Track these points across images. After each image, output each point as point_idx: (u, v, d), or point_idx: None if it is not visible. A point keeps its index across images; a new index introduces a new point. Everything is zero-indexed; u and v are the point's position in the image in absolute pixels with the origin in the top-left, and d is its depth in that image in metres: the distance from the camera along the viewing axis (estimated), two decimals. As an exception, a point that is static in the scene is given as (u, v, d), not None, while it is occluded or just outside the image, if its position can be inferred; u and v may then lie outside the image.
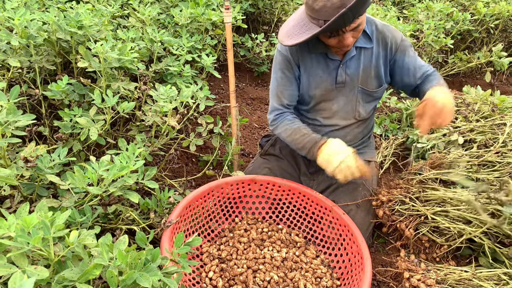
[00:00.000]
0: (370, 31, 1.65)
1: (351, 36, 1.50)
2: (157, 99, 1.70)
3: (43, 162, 1.40)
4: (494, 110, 2.43)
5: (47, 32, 1.86)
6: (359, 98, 1.73)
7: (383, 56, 1.69)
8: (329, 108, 1.76)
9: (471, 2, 4.07)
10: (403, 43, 1.70)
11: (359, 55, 1.66)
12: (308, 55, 1.68)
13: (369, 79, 1.70)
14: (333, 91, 1.71)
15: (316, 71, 1.69)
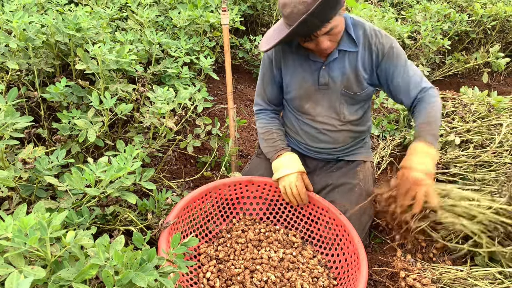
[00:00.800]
0: (357, 35, 1.64)
1: (327, 40, 1.51)
2: (155, 101, 1.71)
3: (41, 163, 1.41)
4: (490, 111, 2.44)
5: (45, 34, 1.87)
6: (343, 100, 1.72)
7: (368, 61, 1.65)
8: (313, 108, 1.77)
9: (468, 3, 4.09)
10: (392, 51, 1.62)
11: (343, 58, 1.65)
12: (291, 57, 1.71)
13: (353, 82, 1.68)
14: (316, 92, 1.72)
15: (299, 71, 1.72)
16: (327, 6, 1.37)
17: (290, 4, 1.42)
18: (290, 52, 1.71)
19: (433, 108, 1.56)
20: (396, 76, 1.63)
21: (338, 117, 1.76)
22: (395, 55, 1.62)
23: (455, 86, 3.86)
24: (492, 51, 3.26)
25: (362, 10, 3.29)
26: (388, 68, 1.64)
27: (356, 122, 1.81)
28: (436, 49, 3.40)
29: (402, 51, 1.66)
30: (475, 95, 2.75)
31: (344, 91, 1.70)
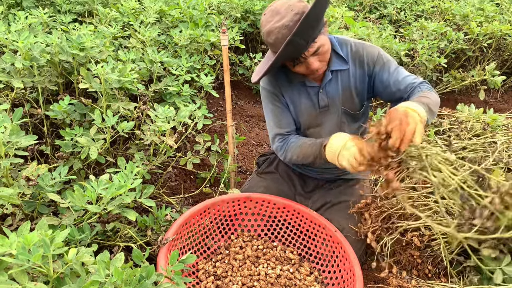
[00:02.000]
0: (345, 53, 1.70)
1: (316, 60, 1.57)
2: (156, 119, 1.75)
3: (44, 180, 1.45)
4: (485, 129, 2.48)
5: (49, 53, 1.93)
6: (344, 119, 1.78)
7: (360, 74, 1.71)
8: (318, 132, 1.81)
9: (464, 22, 4.16)
10: (380, 58, 1.69)
11: (336, 78, 1.71)
12: (289, 86, 1.76)
13: (351, 99, 1.74)
14: (318, 115, 1.77)
15: (299, 99, 1.76)
16: (308, 25, 1.43)
17: (274, 31, 1.50)
18: (287, 84, 1.77)
19: (429, 93, 1.54)
20: (390, 80, 1.67)
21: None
22: (384, 60, 1.69)
23: (453, 102, 3.91)
24: (488, 69, 3.31)
25: (360, 28, 3.36)
26: (381, 74, 1.69)
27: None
28: (432, 66, 3.46)
29: (390, 57, 1.73)
30: (471, 113, 2.79)
31: (344, 109, 1.75)
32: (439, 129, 2.70)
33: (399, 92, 1.67)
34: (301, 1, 1.52)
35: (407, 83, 1.64)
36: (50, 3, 3.10)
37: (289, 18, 1.47)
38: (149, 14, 2.88)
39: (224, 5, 3.75)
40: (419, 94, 1.53)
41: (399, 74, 1.67)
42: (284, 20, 1.48)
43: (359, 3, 5.20)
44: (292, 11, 1.48)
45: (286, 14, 1.48)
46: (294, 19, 1.47)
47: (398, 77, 1.66)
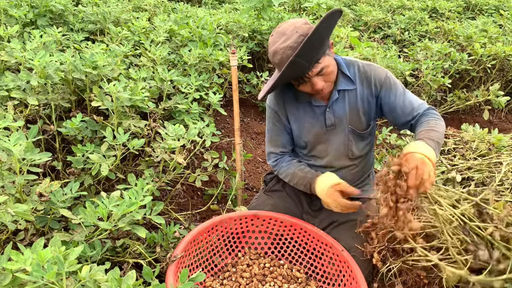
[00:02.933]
0: (353, 73, 1.74)
1: (321, 80, 1.60)
2: (166, 137, 1.79)
3: (56, 196, 1.48)
4: (490, 149, 2.50)
5: (63, 72, 1.98)
6: (351, 137, 1.80)
7: (368, 95, 1.74)
8: (324, 150, 1.84)
9: (468, 43, 4.22)
10: (388, 80, 1.72)
11: (343, 97, 1.74)
12: (295, 106, 1.80)
13: (358, 118, 1.77)
14: (325, 134, 1.80)
15: (305, 118, 1.80)
16: (312, 47, 1.48)
17: (279, 52, 1.55)
18: (293, 102, 1.80)
19: (436, 122, 1.57)
20: (397, 103, 1.70)
21: (347, 154, 1.83)
22: (392, 83, 1.72)
23: (457, 122, 3.93)
24: (492, 89, 3.34)
25: (365, 48, 3.41)
26: (388, 96, 1.72)
27: (363, 158, 1.89)
28: (437, 86, 3.50)
29: (397, 80, 1.75)
30: (475, 133, 2.81)
31: (350, 128, 1.78)
32: (444, 149, 2.73)
33: (404, 116, 1.70)
34: (307, 23, 1.57)
35: (414, 108, 1.67)
36: (64, 21, 3.19)
37: (294, 39, 1.52)
38: (159, 33, 2.95)
39: (232, 25, 3.83)
40: (427, 127, 1.54)
41: (406, 98, 1.70)
42: (289, 41, 1.53)
43: (363, 23, 5.28)
44: (297, 32, 1.53)
45: (291, 36, 1.53)
46: (298, 40, 1.52)
47: (405, 101, 1.69)
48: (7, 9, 2.69)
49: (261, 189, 2.14)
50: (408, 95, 1.71)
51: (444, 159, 2.56)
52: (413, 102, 1.69)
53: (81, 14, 3.24)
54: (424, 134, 1.50)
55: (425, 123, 1.58)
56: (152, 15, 4.12)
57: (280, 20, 4.07)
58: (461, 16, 6.09)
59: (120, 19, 3.37)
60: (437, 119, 1.61)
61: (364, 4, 5.84)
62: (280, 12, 4.46)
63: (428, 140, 1.45)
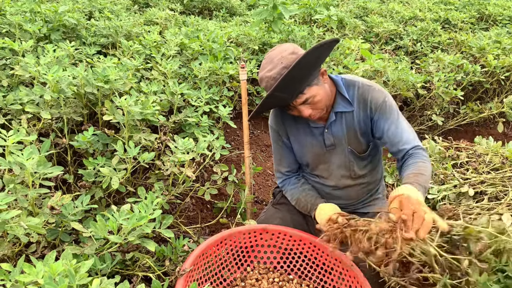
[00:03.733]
0: (351, 95, 1.70)
1: (308, 109, 1.58)
2: (175, 151, 1.80)
3: (67, 209, 1.49)
4: (504, 163, 2.46)
5: (76, 86, 2.02)
6: (351, 157, 1.77)
7: (364, 116, 1.70)
8: (326, 169, 1.83)
9: (481, 54, 4.18)
10: (384, 105, 1.66)
11: (341, 119, 1.72)
12: (295, 126, 1.80)
13: (356, 139, 1.73)
14: (325, 154, 1.79)
15: (305, 138, 1.79)
16: (293, 81, 1.47)
17: (264, 79, 1.55)
18: (293, 122, 1.80)
19: (425, 165, 1.53)
20: (389, 129, 1.65)
21: (349, 173, 1.82)
22: (388, 109, 1.66)
23: (471, 134, 3.89)
24: (507, 102, 3.31)
25: (376, 60, 3.41)
26: (381, 121, 1.67)
27: (368, 176, 1.85)
28: (449, 99, 3.47)
29: (394, 105, 1.69)
30: (489, 146, 2.78)
31: (350, 149, 1.76)
32: (457, 162, 2.69)
33: (391, 147, 1.66)
34: (294, 53, 1.53)
35: (401, 141, 1.62)
36: (76, 35, 3.25)
37: (277, 71, 1.51)
38: (170, 47, 2.99)
39: (243, 38, 3.86)
40: (416, 170, 1.49)
41: (398, 128, 1.64)
42: (272, 71, 1.52)
43: (375, 35, 5.29)
44: (282, 64, 1.50)
45: (276, 66, 1.51)
46: (281, 72, 1.49)
47: (395, 131, 1.64)
48: (22, 24, 2.76)
49: (269, 202, 2.14)
50: (401, 126, 1.65)
51: (456, 172, 2.53)
52: (403, 135, 1.63)
53: (93, 28, 3.31)
54: (413, 178, 1.45)
55: (414, 166, 1.53)
56: (163, 29, 4.18)
57: (290, 33, 4.09)
58: (474, 27, 6.05)
59: (132, 32, 3.43)
60: (425, 161, 1.56)
61: (375, 16, 5.85)
62: (290, 24, 4.48)
63: (417, 185, 1.40)
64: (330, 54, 3.72)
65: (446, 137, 3.14)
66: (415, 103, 3.61)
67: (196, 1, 6.31)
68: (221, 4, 6.37)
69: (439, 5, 6.94)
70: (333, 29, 4.92)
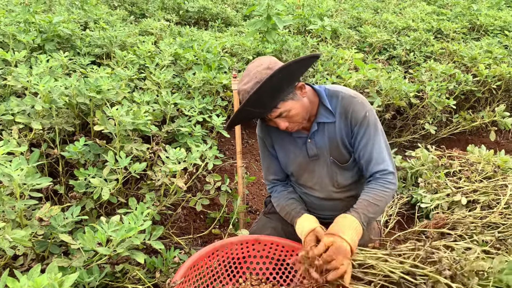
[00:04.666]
0: (334, 106, 1.69)
1: (284, 122, 1.58)
2: (166, 161, 1.79)
3: (56, 220, 1.48)
4: (496, 171, 2.47)
5: (68, 96, 2.01)
6: (334, 168, 1.76)
7: (345, 128, 1.69)
8: (310, 179, 1.82)
9: (473, 64, 4.22)
10: (364, 120, 1.63)
11: (323, 130, 1.71)
12: (279, 136, 1.80)
13: (338, 150, 1.72)
14: (309, 164, 1.78)
15: (289, 148, 1.79)
16: (265, 96, 1.47)
17: (240, 92, 1.55)
18: (277, 132, 1.80)
19: (385, 195, 1.57)
20: (363, 145, 1.65)
21: (333, 184, 1.80)
22: (366, 124, 1.64)
23: (463, 143, 3.91)
24: (498, 111, 3.32)
25: (369, 70, 3.43)
26: (358, 135, 1.66)
27: (353, 188, 1.83)
28: (442, 108, 3.48)
29: (375, 122, 1.66)
30: (481, 154, 2.79)
31: (332, 160, 1.75)
32: (450, 171, 2.70)
33: (361, 164, 1.68)
34: (269, 68, 1.51)
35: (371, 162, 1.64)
36: (71, 46, 3.26)
37: (251, 85, 1.50)
38: (164, 57, 3.00)
39: (237, 48, 3.88)
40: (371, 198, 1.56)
41: (373, 146, 1.64)
42: (247, 85, 1.51)
43: (368, 45, 5.33)
44: (255, 78, 1.49)
45: (251, 80, 1.50)
46: (253, 87, 1.48)
47: (369, 149, 1.64)
48: (15, 34, 2.76)
49: (261, 212, 2.13)
50: (376, 144, 1.64)
51: (449, 181, 2.54)
52: (375, 155, 1.63)
53: (88, 39, 3.32)
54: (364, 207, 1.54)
55: (372, 192, 1.58)
56: (158, 39, 4.20)
57: (284, 43, 4.12)
58: (466, 37, 6.11)
59: (127, 43, 3.44)
60: (386, 190, 1.58)
61: (369, 26, 5.90)
62: (284, 35, 4.51)
63: (363, 215, 1.51)
64: (324, 64, 3.75)
65: (439, 145, 3.15)
66: (408, 112, 3.63)
67: (192, 12, 6.34)
68: (216, 14, 6.41)
69: (431, 15, 7.01)
70: (327, 39, 4.95)
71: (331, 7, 7.00)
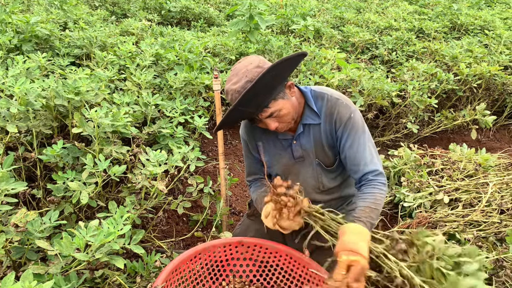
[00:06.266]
0: (319, 107, 1.68)
1: (274, 122, 1.56)
2: (146, 164, 1.76)
3: (33, 225, 1.44)
4: (477, 169, 2.50)
5: (45, 98, 1.96)
6: (319, 170, 1.76)
7: (330, 130, 1.67)
8: (296, 181, 1.81)
9: (454, 63, 4.27)
10: (349, 122, 1.61)
11: (308, 131, 1.70)
12: (265, 137, 1.78)
13: (323, 152, 1.72)
14: (294, 165, 1.77)
15: (274, 150, 1.78)
16: (256, 95, 1.45)
17: (229, 92, 1.52)
18: (262, 133, 1.78)
19: (381, 197, 1.54)
20: (349, 147, 1.62)
21: (318, 186, 1.80)
22: (351, 125, 1.62)
23: (446, 141, 3.95)
24: (479, 109, 3.37)
25: (352, 70, 3.44)
26: (343, 137, 1.64)
27: (338, 190, 1.83)
28: (424, 107, 3.52)
29: (360, 123, 1.64)
30: (463, 153, 2.82)
31: (317, 162, 1.74)
32: (432, 169, 2.72)
33: (350, 166, 1.64)
34: (259, 66, 1.50)
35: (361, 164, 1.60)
36: (50, 46, 3.19)
37: (241, 84, 1.48)
38: (145, 57, 2.96)
39: (220, 48, 3.85)
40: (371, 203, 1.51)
41: (360, 147, 1.61)
42: (237, 85, 1.49)
43: (351, 45, 5.35)
44: (246, 77, 1.47)
45: (240, 79, 1.49)
46: (245, 86, 1.46)
47: (357, 153, 1.61)
48: (-9, 35, 2.69)
49: (245, 214, 2.11)
50: (362, 145, 1.61)
51: (431, 180, 2.56)
52: (363, 155, 1.60)
53: (67, 39, 3.25)
54: (367, 213, 1.47)
55: (371, 197, 1.53)
56: (139, 39, 4.14)
57: (267, 43, 4.10)
58: (447, 36, 6.20)
59: (107, 43, 3.38)
60: (382, 191, 1.55)
61: (351, 26, 5.93)
62: (267, 34, 4.50)
63: (369, 223, 1.45)
64: (307, 64, 3.75)
65: (421, 144, 3.18)
66: (390, 112, 3.65)
67: (174, 12, 6.29)
68: (199, 14, 6.36)
69: (413, 15, 7.09)
70: (310, 39, 4.96)
71: (313, 6, 7.02)
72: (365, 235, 1.38)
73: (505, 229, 2.04)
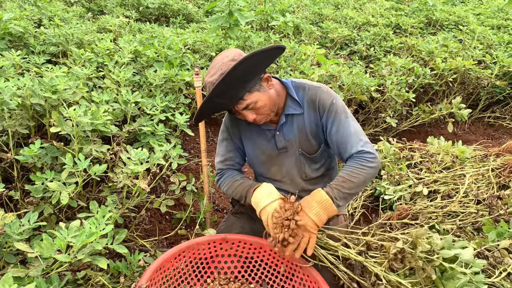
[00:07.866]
0: (301, 97, 1.71)
1: (251, 114, 1.59)
2: (128, 162, 1.74)
3: (11, 228, 1.40)
4: (454, 161, 2.56)
5: (21, 97, 1.91)
6: (303, 160, 1.78)
7: (314, 118, 1.70)
8: (279, 172, 1.82)
9: (430, 58, 4.36)
10: (332, 107, 1.65)
11: (291, 121, 1.72)
12: (248, 128, 1.79)
13: (307, 141, 1.74)
14: (277, 156, 1.79)
15: (257, 140, 1.79)
16: (229, 88, 1.47)
17: (207, 85, 1.55)
18: (246, 126, 1.79)
19: (361, 172, 1.55)
20: (335, 132, 1.65)
21: (301, 176, 1.82)
22: (334, 111, 1.65)
23: (423, 135, 4.03)
24: (455, 103, 3.44)
25: (331, 65, 3.47)
26: (328, 123, 1.67)
27: (320, 179, 1.85)
28: (402, 101, 3.58)
29: (343, 107, 1.67)
30: (440, 146, 2.88)
31: (300, 151, 1.77)
32: (411, 162, 2.77)
33: (338, 150, 1.67)
34: (233, 59, 1.51)
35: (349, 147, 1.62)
36: (24, 44, 3.10)
37: (216, 77, 1.51)
38: (124, 55, 2.91)
39: (199, 44, 3.82)
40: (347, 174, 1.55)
41: (345, 131, 1.63)
42: (213, 77, 1.52)
43: (330, 40, 5.39)
44: (221, 69, 1.50)
45: (216, 72, 1.51)
46: (219, 78, 1.49)
47: (343, 135, 1.63)
48: (-38, 33, 2.60)
49: (229, 211, 2.11)
50: (348, 129, 1.63)
51: (411, 173, 2.61)
52: (349, 138, 1.62)
53: (42, 36, 3.17)
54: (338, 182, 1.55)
55: (348, 169, 1.57)
56: (117, 36, 4.07)
57: (247, 39, 4.10)
58: (423, 32, 6.30)
59: (84, 40, 3.31)
60: (364, 166, 1.56)
61: (330, 22, 5.97)
62: (247, 31, 4.49)
63: (336, 191, 1.52)
64: (287, 60, 3.76)
65: (400, 138, 3.23)
66: (369, 106, 3.70)
67: (152, 8, 6.20)
68: (178, 11, 6.30)
69: (390, 11, 7.18)
70: (290, 35, 4.97)
71: (292, 3, 7.04)
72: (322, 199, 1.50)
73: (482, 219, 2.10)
